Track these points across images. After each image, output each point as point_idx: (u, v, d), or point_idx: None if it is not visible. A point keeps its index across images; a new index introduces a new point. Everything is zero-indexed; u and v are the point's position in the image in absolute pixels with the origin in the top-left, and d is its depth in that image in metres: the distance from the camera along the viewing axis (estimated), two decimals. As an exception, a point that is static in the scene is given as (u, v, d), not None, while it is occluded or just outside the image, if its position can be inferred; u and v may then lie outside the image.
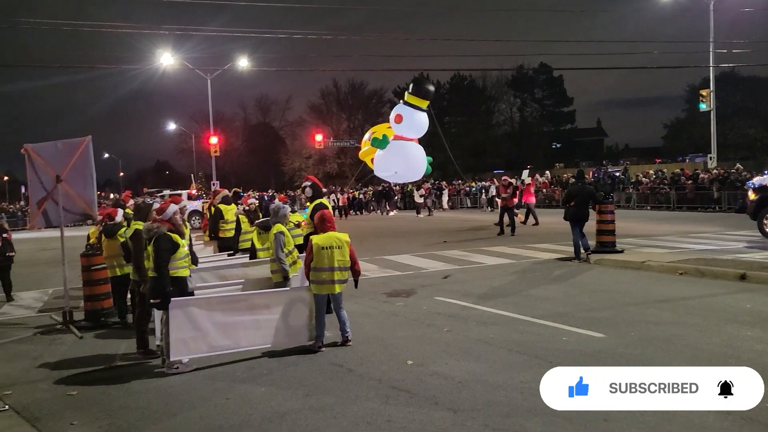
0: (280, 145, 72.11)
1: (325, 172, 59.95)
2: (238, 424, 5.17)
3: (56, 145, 9.86)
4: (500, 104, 71.73)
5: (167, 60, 35.96)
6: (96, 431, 5.15)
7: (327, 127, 60.40)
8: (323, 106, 68.74)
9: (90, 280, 9.36)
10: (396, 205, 38.77)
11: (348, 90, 67.71)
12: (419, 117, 9.11)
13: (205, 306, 6.91)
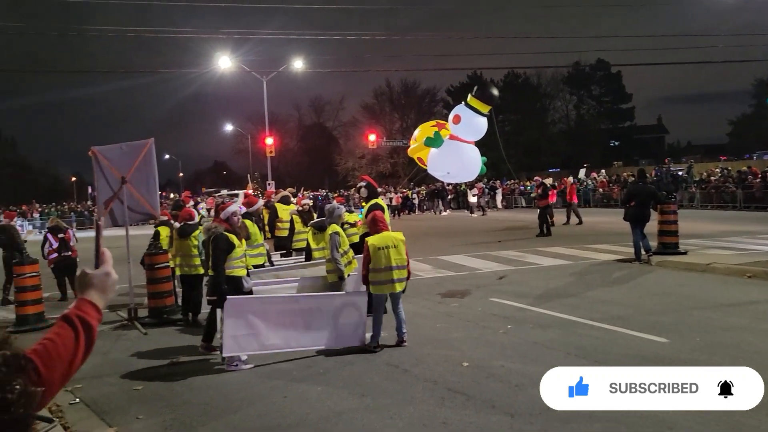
0: (333, 145, 72.78)
1: (378, 171, 60.11)
2: (295, 422, 5.25)
3: (121, 147, 10.24)
4: (555, 102, 70.42)
5: (225, 63, 36.73)
6: (160, 425, 5.31)
7: (380, 127, 60.54)
8: (376, 105, 69.01)
9: (153, 278, 9.67)
10: (449, 204, 38.57)
11: (401, 90, 67.76)
12: (478, 121, 9.03)
13: (258, 305, 7.07)
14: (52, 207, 46.47)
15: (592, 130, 67.16)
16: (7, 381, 1.16)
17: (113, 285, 1.78)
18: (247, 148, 65.70)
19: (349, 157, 65.26)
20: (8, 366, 1.18)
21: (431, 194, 39.29)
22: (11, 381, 1.16)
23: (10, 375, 1.17)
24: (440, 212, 36.74)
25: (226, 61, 36.74)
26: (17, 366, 1.24)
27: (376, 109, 68.58)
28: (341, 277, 7.88)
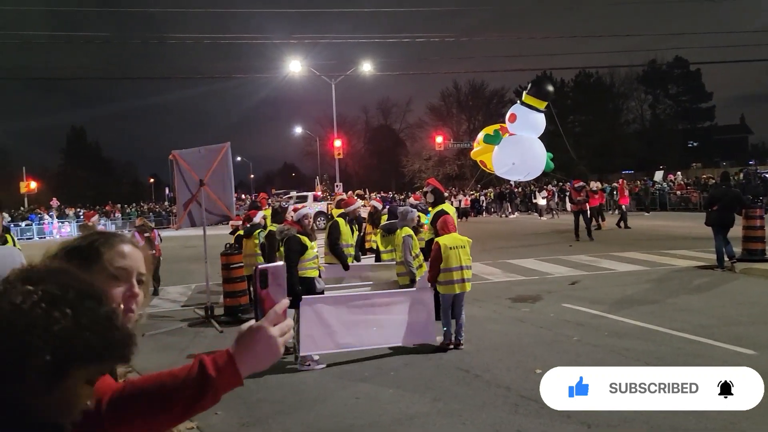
0: (400, 147, 72.98)
1: (444, 173, 59.87)
2: (367, 424, 5.30)
3: (200, 150, 10.62)
4: (629, 101, 68.07)
5: (295, 67, 37.52)
6: (237, 422, 5.47)
7: (447, 129, 60.30)
8: (443, 107, 68.77)
9: (229, 277, 9.98)
10: (517, 207, 37.97)
11: (468, 91, 67.24)
12: (534, 117, 8.91)
13: (332, 305, 7.23)
14: (133, 207, 48.61)
15: (669, 130, 64.53)
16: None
17: (267, 346, 1.36)
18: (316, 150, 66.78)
19: (416, 159, 65.26)
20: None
21: (499, 196, 38.76)
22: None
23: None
24: (508, 215, 36.21)
25: (297, 65, 37.51)
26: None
27: (443, 111, 68.34)
28: (413, 280, 7.92)
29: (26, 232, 35.92)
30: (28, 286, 1.02)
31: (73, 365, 1.01)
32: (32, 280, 1.04)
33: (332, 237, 8.59)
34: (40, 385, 1.00)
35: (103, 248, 1.46)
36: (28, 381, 0.99)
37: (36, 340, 0.97)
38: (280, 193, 48.07)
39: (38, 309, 0.99)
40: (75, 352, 1.00)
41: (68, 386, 1.04)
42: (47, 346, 0.97)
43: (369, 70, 40.40)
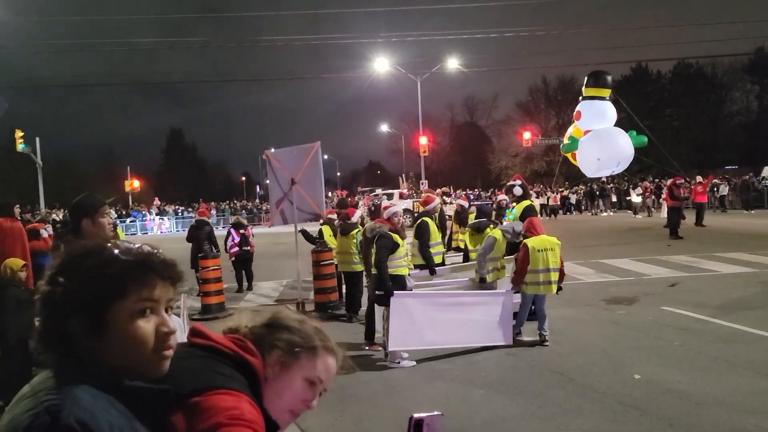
0: (486, 144, 72.06)
1: (532, 170, 58.62)
2: (459, 425, 5.25)
3: (291, 150, 10.90)
4: (733, 92, 63.92)
5: (381, 66, 37.79)
6: (330, 416, 5.57)
7: (535, 125, 58.97)
8: (531, 103, 67.33)
9: (319, 274, 10.19)
10: (610, 204, 36.50)
11: (557, 86, 65.43)
12: (601, 106, 8.63)
13: (420, 302, 7.28)
14: (226, 204, 50.62)
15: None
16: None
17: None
18: (401, 147, 67.09)
19: (503, 156, 64.25)
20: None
21: (589, 193, 37.41)
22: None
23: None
24: (600, 212, 34.92)
25: (383, 63, 37.76)
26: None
27: (530, 107, 66.92)
28: (482, 279, 7.85)
29: (130, 228, 38.19)
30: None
31: (103, 302, 1.16)
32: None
33: (423, 239, 8.54)
34: (87, 332, 1.15)
35: (320, 350, 1.55)
36: (76, 332, 1.15)
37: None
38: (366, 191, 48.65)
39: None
40: (94, 292, 1.16)
41: (114, 324, 1.16)
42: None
43: (455, 66, 40.12)
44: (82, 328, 1.16)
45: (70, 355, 1.16)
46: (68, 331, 1.16)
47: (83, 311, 1.16)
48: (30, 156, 31.36)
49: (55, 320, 1.16)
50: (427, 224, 8.65)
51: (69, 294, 1.16)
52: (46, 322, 1.17)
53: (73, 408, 1.07)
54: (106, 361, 1.17)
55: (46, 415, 1.05)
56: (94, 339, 1.16)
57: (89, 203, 3.97)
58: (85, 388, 1.12)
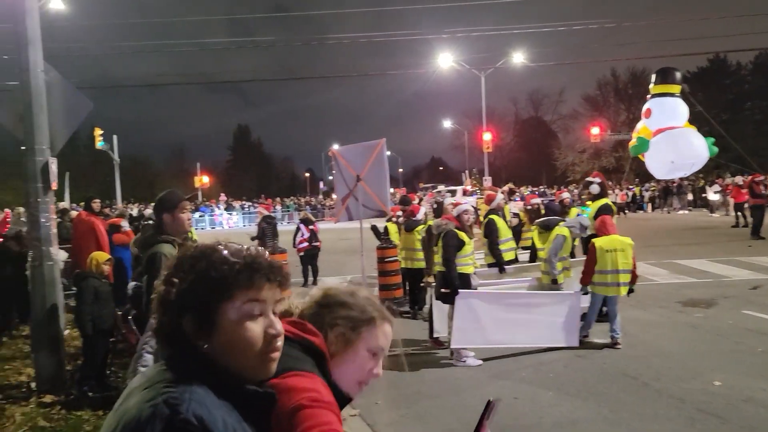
0: (551, 140, 70.51)
1: (600, 166, 56.80)
2: (528, 425, 5.17)
3: (357, 147, 10.96)
4: (819, 84, 60.18)
5: (445, 61, 37.54)
6: (396, 413, 5.58)
7: (603, 120, 57.16)
8: (599, 97, 65.36)
9: (384, 270, 10.23)
10: (685, 202, 34.98)
11: (628, 79, 63.20)
12: (670, 102, 8.25)
13: (486, 301, 7.23)
14: (292, 200, 51.53)
15: None
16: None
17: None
18: (464, 143, 66.55)
19: (569, 152, 62.70)
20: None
21: (664, 191, 35.94)
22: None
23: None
24: (674, 210, 33.55)
25: (447, 59, 37.51)
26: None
27: (599, 101, 64.97)
28: (554, 280, 7.68)
29: (200, 223, 39.42)
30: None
31: (212, 303, 1.19)
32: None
33: (492, 237, 8.43)
34: (198, 331, 1.19)
35: (378, 320, 1.60)
36: (189, 330, 1.20)
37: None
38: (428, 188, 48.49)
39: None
40: (204, 293, 1.19)
41: (223, 325, 1.20)
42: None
43: (521, 61, 39.43)
44: (193, 328, 1.20)
45: (184, 352, 1.21)
46: (182, 330, 1.20)
47: (194, 311, 1.20)
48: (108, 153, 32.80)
49: (170, 319, 1.21)
50: (495, 222, 8.53)
51: (182, 294, 1.20)
52: (161, 319, 1.23)
53: (191, 403, 1.10)
54: (216, 360, 1.21)
55: (165, 408, 1.09)
56: (205, 339, 1.20)
57: (169, 199, 4.12)
58: (199, 384, 1.16)
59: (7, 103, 6.88)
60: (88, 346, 6.31)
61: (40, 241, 6.43)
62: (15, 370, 7.13)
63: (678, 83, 8.78)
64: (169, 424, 1.07)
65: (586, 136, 49.04)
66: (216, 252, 1.25)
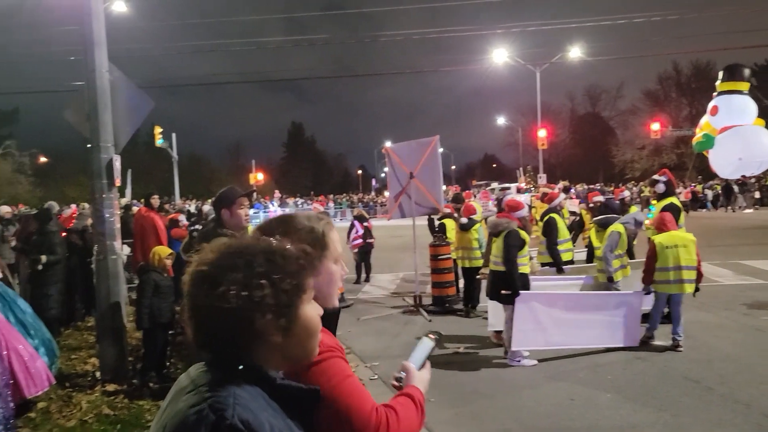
0: (609, 136, 68.76)
1: (660, 163, 55.08)
2: (585, 426, 5.06)
3: (410, 144, 10.96)
4: None
5: (499, 57, 37.05)
6: (452, 412, 5.54)
7: (664, 115, 55.29)
8: (660, 92, 63.33)
9: (437, 268, 10.17)
10: (751, 201, 33.43)
11: (691, 73, 61.06)
12: (738, 100, 7.88)
13: (545, 302, 7.06)
14: (344, 197, 51.94)
15: None
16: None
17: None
18: (518, 140, 65.64)
19: (627, 148, 61.00)
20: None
21: (726, 188, 34.47)
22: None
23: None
24: (739, 209, 32.14)
25: (501, 54, 37.02)
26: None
27: (659, 96, 62.95)
28: (610, 278, 7.46)
29: (254, 219, 40.22)
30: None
31: (296, 298, 1.22)
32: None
33: (551, 236, 8.26)
34: (279, 329, 1.20)
35: (327, 233, 1.73)
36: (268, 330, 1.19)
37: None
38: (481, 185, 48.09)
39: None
40: (289, 290, 1.20)
41: (299, 317, 1.22)
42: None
43: (578, 55, 38.56)
44: (274, 326, 1.19)
45: (228, 353, 1.19)
46: (228, 331, 1.17)
47: (277, 310, 1.19)
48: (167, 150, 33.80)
49: (240, 319, 1.17)
50: (555, 221, 8.35)
51: (265, 296, 1.17)
52: (216, 323, 1.17)
53: (237, 407, 1.10)
54: (286, 354, 1.22)
55: (211, 413, 1.08)
56: (286, 335, 1.20)
57: (227, 195, 4.21)
58: (243, 385, 1.15)
59: (75, 102, 7.15)
60: (146, 338, 6.48)
61: (105, 235, 6.67)
62: (81, 359, 7.43)
63: (747, 80, 8.44)
64: (216, 430, 1.07)
65: (646, 132, 47.48)
66: (286, 249, 1.25)
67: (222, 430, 1.07)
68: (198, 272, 1.20)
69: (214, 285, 1.16)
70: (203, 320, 1.18)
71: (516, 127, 65.66)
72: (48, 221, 8.57)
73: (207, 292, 1.16)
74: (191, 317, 1.20)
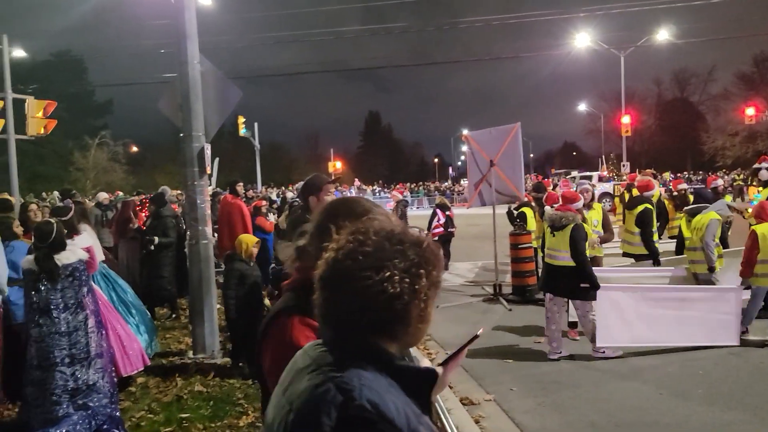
0: (698, 122, 65.39)
1: (755, 150, 51.93)
2: (674, 423, 4.91)
3: (490, 132, 10.83)
4: None
5: (582, 41, 35.89)
6: (533, 400, 5.49)
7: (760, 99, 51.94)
8: (756, 74, 59.55)
9: (517, 257, 10.05)
10: None
11: (790, 53, 57.17)
12: None
13: (631, 296, 6.80)
14: (421, 185, 51.94)
15: None
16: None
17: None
18: (599, 127, 63.50)
19: (718, 135, 57.78)
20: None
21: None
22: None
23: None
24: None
25: (584, 39, 35.85)
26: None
27: (755, 79, 59.21)
28: (711, 268, 7.10)
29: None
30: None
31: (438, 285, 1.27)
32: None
33: (646, 227, 7.94)
34: (419, 315, 1.23)
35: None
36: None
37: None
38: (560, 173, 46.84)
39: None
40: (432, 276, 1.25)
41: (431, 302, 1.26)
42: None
43: (665, 38, 36.82)
44: (418, 313, 1.23)
45: (352, 334, 1.21)
46: (399, 316, 1.20)
47: (426, 299, 1.23)
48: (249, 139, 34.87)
49: (401, 305, 1.19)
50: (651, 212, 8.05)
51: (423, 286, 1.22)
52: (376, 304, 1.19)
53: (363, 388, 1.12)
54: (407, 340, 1.25)
55: (338, 394, 1.11)
56: (420, 322, 1.24)
57: (314, 182, 4.31)
58: (366, 366, 1.18)
59: (168, 93, 7.51)
60: (232, 327, 6.52)
61: (197, 221, 6.99)
62: (174, 338, 7.85)
63: None
64: (345, 411, 1.09)
65: (740, 118, 44.86)
66: (419, 236, 1.30)
67: (350, 411, 1.09)
68: (357, 253, 1.22)
69: (378, 269, 1.18)
70: (350, 300, 1.19)
71: (598, 114, 63.57)
72: (163, 205, 9.05)
73: (370, 274, 1.18)
74: (331, 296, 1.22)
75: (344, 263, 1.21)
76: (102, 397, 4.78)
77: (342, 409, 1.09)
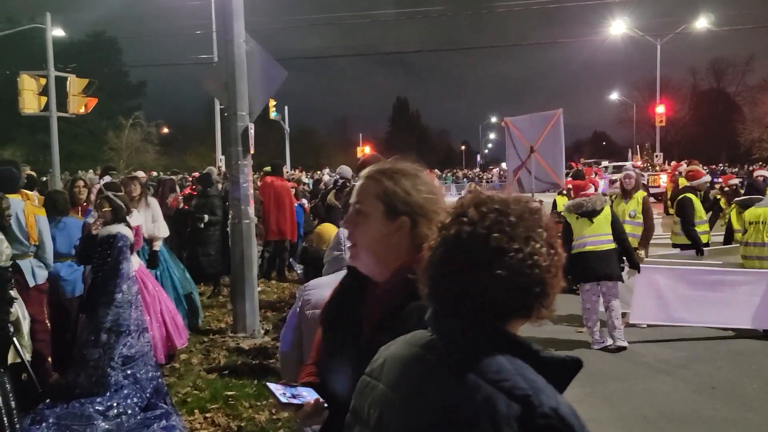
0: (735, 113, 63.79)
1: (793, 143, 50.71)
2: (731, 419, 4.78)
3: (531, 117, 10.67)
4: None
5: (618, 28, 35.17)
6: (583, 391, 5.36)
7: (800, 90, 50.70)
8: (798, 64, 57.95)
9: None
10: None
11: (835, 42, 55.38)
12: None
13: (669, 276, 6.85)
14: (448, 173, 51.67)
15: None
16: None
17: None
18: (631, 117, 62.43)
19: (755, 127, 56.37)
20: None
21: None
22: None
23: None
24: None
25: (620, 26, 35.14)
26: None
27: (797, 69, 57.57)
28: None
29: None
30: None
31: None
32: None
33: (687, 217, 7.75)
34: (542, 298, 1.16)
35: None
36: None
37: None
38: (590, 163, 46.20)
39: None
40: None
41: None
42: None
43: (704, 26, 35.89)
44: (557, 284, 1.16)
45: (484, 324, 1.13)
46: (537, 299, 1.14)
47: (554, 283, 1.17)
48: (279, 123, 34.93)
49: (536, 279, 1.13)
50: (691, 201, 7.84)
51: (555, 268, 1.16)
52: (517, 286, 1.12)
53: (539, 393, 1.06)
54: (539, 316, 1.18)
55: (512, 403, 1.04)
56: (556, 293, 1.17)
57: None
58: (516, 362, 1.10)
59: (214, 72, 7.49)
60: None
61: (240, 200, 6.98)
62: (213, 317, 7.88)
63: None
64: (528, 423, 1.03)
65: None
66: (555, 225, 1.23)
67: (536, 420, 1.03)
68: (504, 224, 1.13)
69: (527, 240, 1.12)
70: (496, 280, 1.10)
71: (630, 103, 62.45)
72: (210, 185, 9.12)
73: (520, 247, 1.11)
74: (469, 278, 1.12)
75: (490, 237, 1.11)
76: (150, 369, 4.83)
77: (523, 421, 1.02)
